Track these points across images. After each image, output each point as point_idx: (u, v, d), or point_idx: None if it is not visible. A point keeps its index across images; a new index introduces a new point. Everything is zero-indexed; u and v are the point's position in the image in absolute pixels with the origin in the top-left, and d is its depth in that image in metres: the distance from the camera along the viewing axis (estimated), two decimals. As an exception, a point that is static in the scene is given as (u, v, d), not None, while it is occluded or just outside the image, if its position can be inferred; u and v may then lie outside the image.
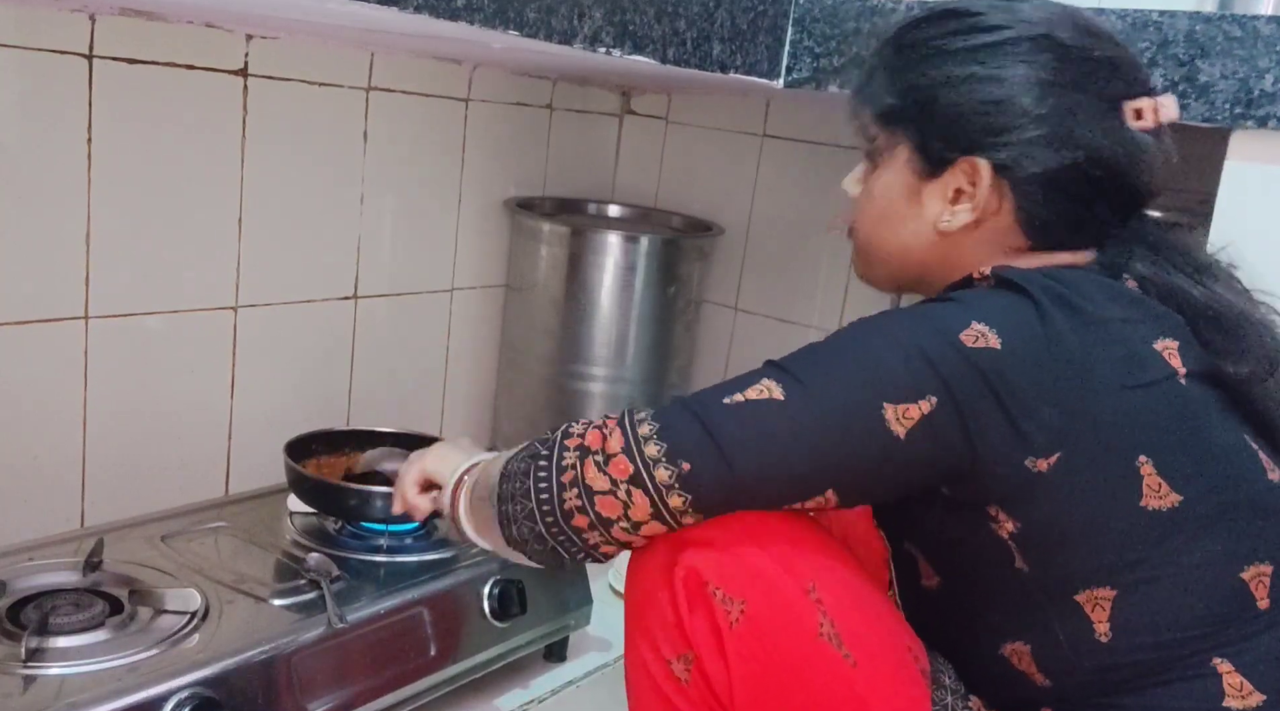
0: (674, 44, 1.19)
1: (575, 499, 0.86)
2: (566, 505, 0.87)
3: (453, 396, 1.91)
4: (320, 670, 1.04)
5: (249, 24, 1.38)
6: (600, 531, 0.87)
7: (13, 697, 0.88)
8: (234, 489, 1.55)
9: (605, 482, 0.85)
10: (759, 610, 0.84)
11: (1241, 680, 0.80)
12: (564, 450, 0.89)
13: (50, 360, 1.33)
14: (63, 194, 1.30)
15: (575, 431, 0.90)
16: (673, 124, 2.09)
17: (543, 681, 1.27)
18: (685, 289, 1.85)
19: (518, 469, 0.92)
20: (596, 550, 0.89)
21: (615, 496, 0.85)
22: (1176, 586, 0.80)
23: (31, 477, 1.34)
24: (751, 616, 0.84)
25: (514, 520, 0.90)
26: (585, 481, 0.86)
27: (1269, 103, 1.15)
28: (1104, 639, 0.81)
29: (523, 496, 0.90)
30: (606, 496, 0.85)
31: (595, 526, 0.86)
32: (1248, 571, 0.81)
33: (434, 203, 1.79)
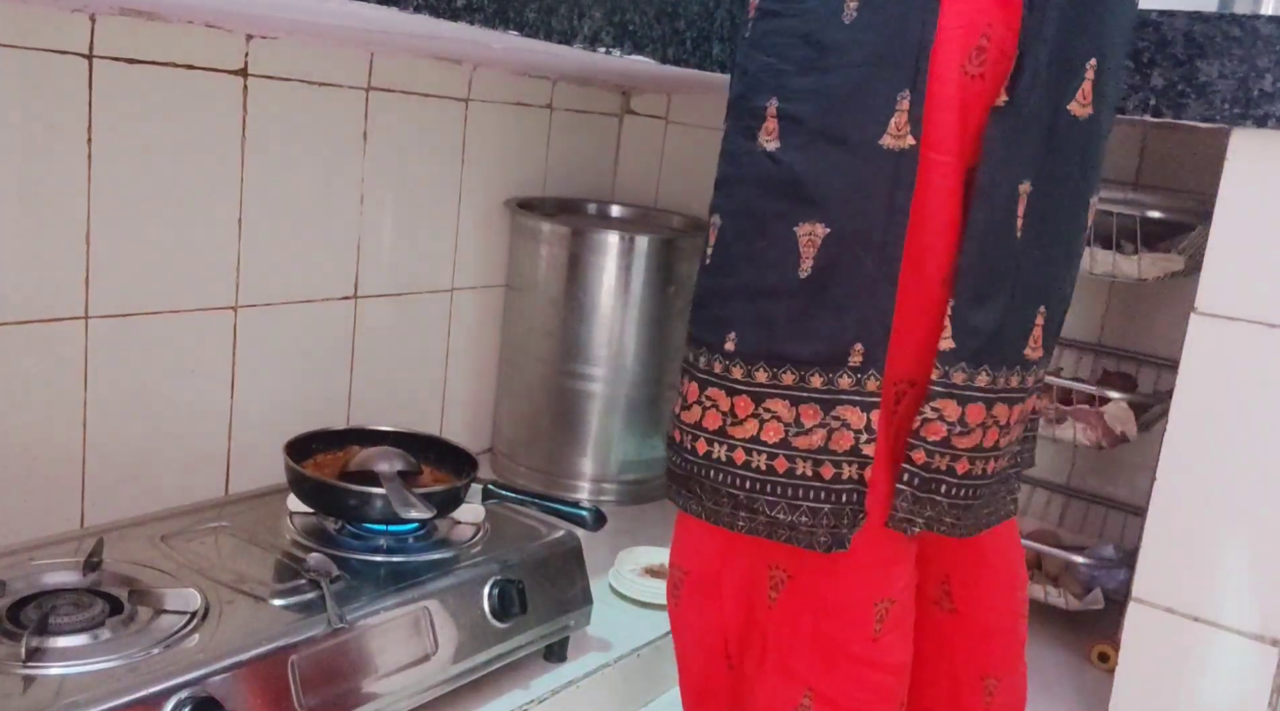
0: (674, 44, 1.19)
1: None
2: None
3: (453, 396, 1.91)
4: (320, 670, 1.04)
5: (249, 24, 1.38)
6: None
7: (13, 697, 0.88)
8: (234, 489, 1.55)
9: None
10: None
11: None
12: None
13: (50, 360, 1.33)
14: (63, 194, 1.30)
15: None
16: (673, 124, 2.09)
17: (543, 681, 1.27)
18: (685, 289, 1.85)
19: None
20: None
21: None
22: None
23: (31, 477, 1.34)
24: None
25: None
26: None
27: (1269, 103, 1.15)
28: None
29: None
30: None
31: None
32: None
33: (434, 203, 1.79)
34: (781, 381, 0.95)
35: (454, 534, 1.29)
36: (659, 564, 1.55)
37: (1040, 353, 0.99)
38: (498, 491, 1.36)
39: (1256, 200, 1.20)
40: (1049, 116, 0.93)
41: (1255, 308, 1.21)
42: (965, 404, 0.94)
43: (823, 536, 0.97)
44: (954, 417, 0.94)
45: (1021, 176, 0.93)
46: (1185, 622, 1.27)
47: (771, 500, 0.97)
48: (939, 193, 0.93)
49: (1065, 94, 0.93)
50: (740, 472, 0.98)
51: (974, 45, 0.91)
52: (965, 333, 0.94)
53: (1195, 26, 1.19)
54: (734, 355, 0.97)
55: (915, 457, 0.96)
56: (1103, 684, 1.42)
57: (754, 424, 0.97)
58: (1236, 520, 1.23)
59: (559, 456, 1.87)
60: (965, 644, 1.16)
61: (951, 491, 0.97)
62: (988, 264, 0.93)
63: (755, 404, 0.96)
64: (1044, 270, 0.97)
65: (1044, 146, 0.93)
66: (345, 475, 1.29)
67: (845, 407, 0.94)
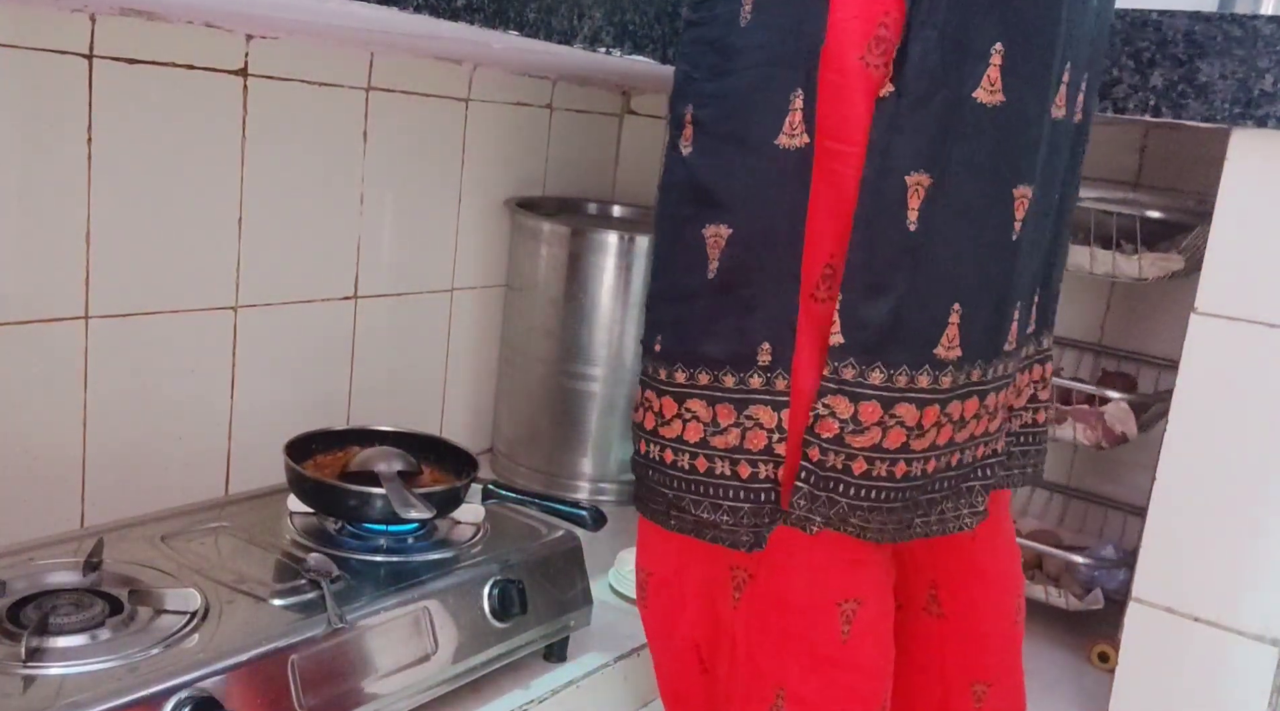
0: (674, 44, 1.19)
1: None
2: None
3: (453, 396, 1.91)
4: (320, 670, 1.04)
5: (249, 24, 1.38)
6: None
7: (13, 697, 0.88)
8: (234, 489, 1.55)
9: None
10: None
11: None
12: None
13: (50, 360, 1.33)
14: (63, 194, 1.30)
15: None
16: (673, 124, 2.09)
17: (543, 681, 1.27)
18: (685, 289, 1.85)
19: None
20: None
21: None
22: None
23: (31, 477, 1.34)
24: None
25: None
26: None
27: (1269, 103, 1.15)
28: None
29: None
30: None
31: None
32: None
33: (434, 203, 1.79)
34: (698, 381, 0.97)
35: (454, 534, 1.29)
36: (659, 564, 1.55)
37: (957, 352, 0.95)
38: (498, 491, 1.36)
39: (1256, 200, 1.20)
40: (947, 105, 0.90)
41: (1255, 308, 1.21)
42: (857, 401, 0.93)
43: (744, 535, 0.97)
44: (846, 415, 0.93)
45: (912, 167, 0.90)
46: (1185, 622, 1.27)
47: (696, 499, 0.98)
48: (847, 183, 0.91)
49: (965, 81, 0.90)
50: (670, 472, 0.99)
51: (871, 36, 0.89)
52: (854, 327, 0.92)
53: (1196, 26, 1.19)
54: (660, 356, 0.99)
55: (810, 454, 0.95)
56: (1103, 684, 1.42)
57: (678, 424, 0.98)
58: (1236, 520, 1.23)
59: (559, 456, 1.87)
60: (955, 650, 1.15)
61: (850, 491, 0.95)
62: (876, 257, 0.91)
63: (678, 404, 0.98)
64: (951, 265, 0.94)
65: (943, 137, 0.90)
66: (345, 475, 1.29)
67: (757, 407, 0.95)
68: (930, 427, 0.95)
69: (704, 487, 0.98)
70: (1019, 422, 1.12)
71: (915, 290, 0.93)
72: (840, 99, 0.91)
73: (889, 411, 0.93)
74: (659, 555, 1.09)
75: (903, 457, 0.95)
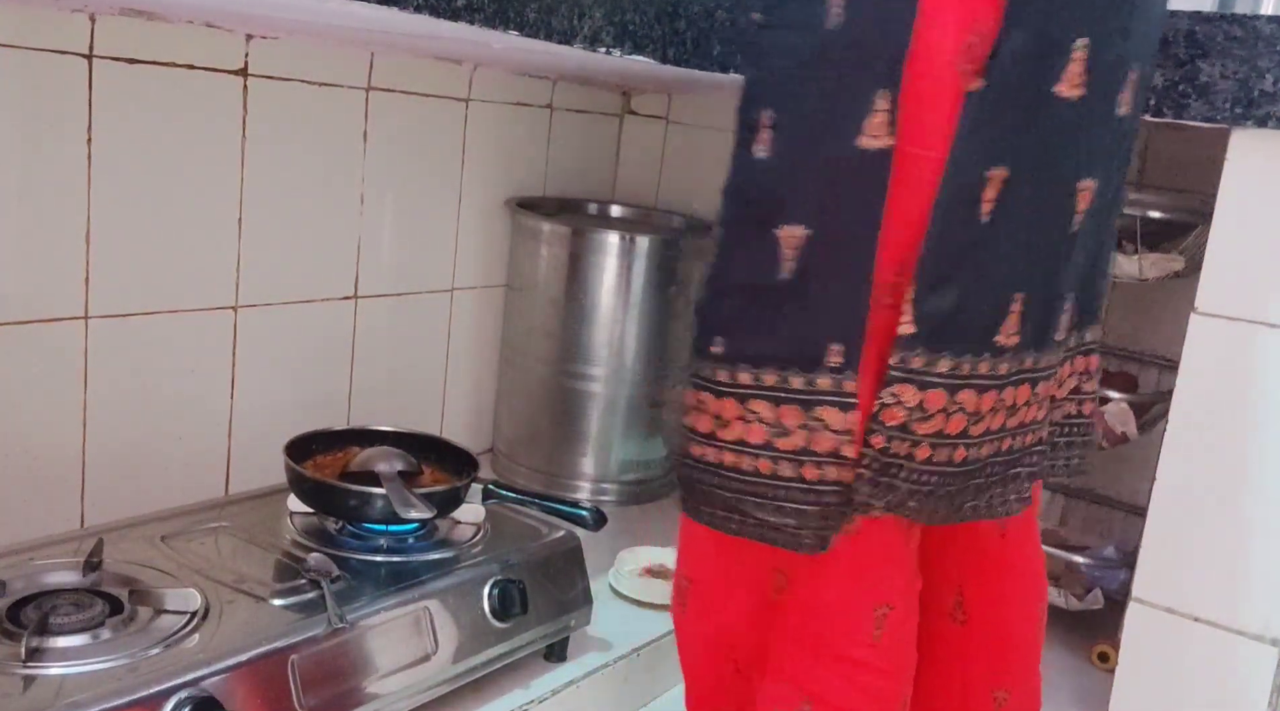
0: (674, 44, 1.19)
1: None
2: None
3: (453, 396, 1.91)
4: (320, 670, 1.04)
5: (249, 24, 1.38)
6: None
7: (13, 697, 0.88)
8: (234, 489, 1.55)
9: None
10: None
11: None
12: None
13: (50, 360, 1.33)
14: (63, 194, 1.30)
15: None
16: (673, 124, 2.09)
17: (543, 681, 1.27)
18: (685, 289, 1.85)
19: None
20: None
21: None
22: None
23: (31, 477, 1.34)
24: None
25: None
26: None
27: (1269, 103, 1.15)
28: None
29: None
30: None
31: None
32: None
33: (434, 203, 1.79)
34: (764, 382, 0.96)
35: (454, 534, 1.29)
36: (659, 564, 1.55)
37: (1015, 340, 0.96)
38: (498, 491, 1.36)
39: (1256, 200, 1.19)
40: (1029, 100, 0.91)
41: (1255, 308, 1.21)
42: (925, 389, 0.93)
43: (808, 538, 0.97)
44: (913, 403, 0.93)
45: (991, 161, 0.91)
46: (1185, 622, 1.27)
47: (758, 502, 0.97)
48: (923, 189, 0.92)
49: (1048, 76, 0.91)
50: (729, 475, 0.98)
51: (965, 42, 0.90)
52: (924, 316, 0.93)
53: (1196, 27, 1.19)
54: (720, 358, 0.98)
55: (874, 442, 0.95)
56: (1103, 684, 1.42)
57: (740, 426, 0.97)
58: (1236, 520, 1.23)
59: (559, 456, 1.87)
60: (976, 656, 1.15)
61: (912, 477, 0.96)
62: (946, 246, 0.92)
63: (740, 405, 0.97)
64: (1018, 255, 0.95)
65: (1023, 130, 0.92)
66: (345, 475, 1.29)
67: (825, 408, 0.94)
68: (988, 413, 0.96)
69: (768, 490, 0.96)
70: (1061, 413, 1.12)
71: (982, 279, 0.94)
72: (929, 105, 0.91)
73: (953, 398, 0.94)
74: (703, 561, 1.08)
75: (962, 443, 0.96)
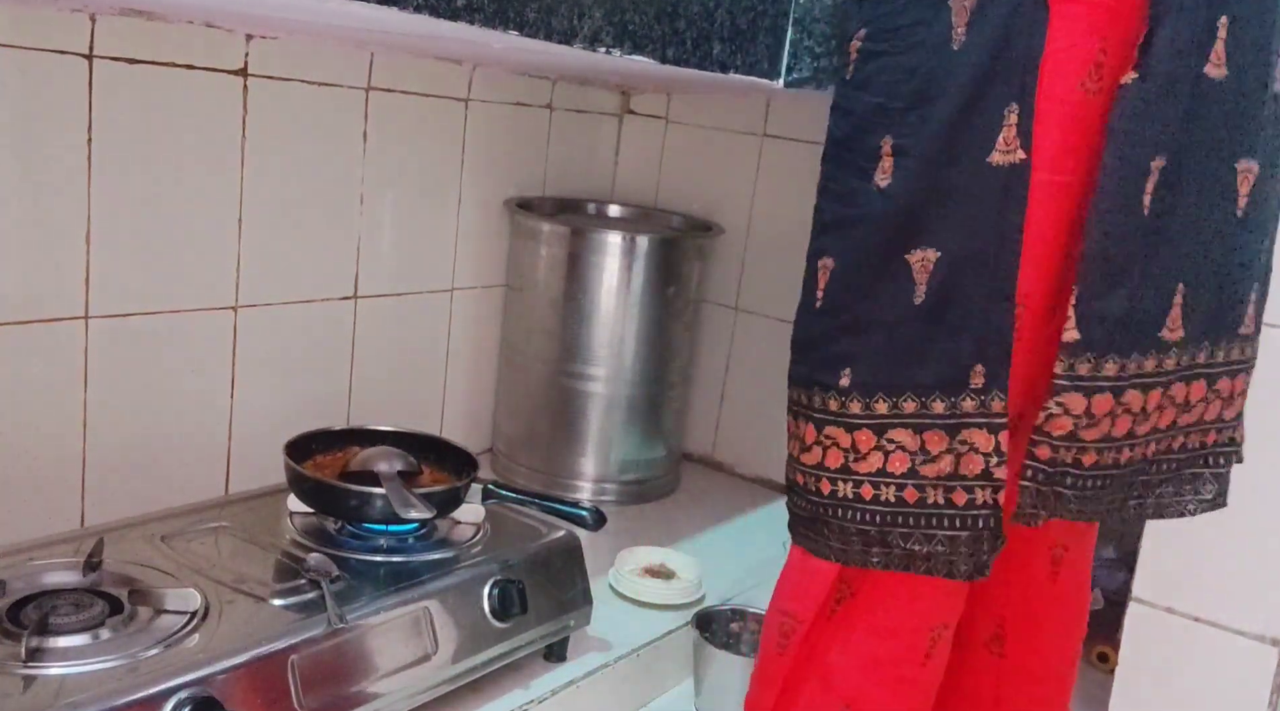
0: (674, 44, 1.19)
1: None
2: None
3: (453, 396, 1.91)
4: (320, 670, 1.03)
5: (249, 24, 1.38)
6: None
7: (13, 697, 0.88)
8: (234, 489, 1.55)
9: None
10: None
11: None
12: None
13: (50, 360, 1.33)
14: (63, 194, 1.30)
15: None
16: (673, 124, 2.09)
17: (543, 681, 1.27)
18: (685, 289, 1.85)
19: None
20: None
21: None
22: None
23: (31, 477, 1.34)
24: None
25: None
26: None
27: (1269, 103, 1.15)
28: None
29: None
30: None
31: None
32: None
33: (434, 203, 1.79)
34: (903, 410, 0.93)
35: (454, 534, 1.29)
36: (659, 564, 1.55)
37: (1180, 333, 0.93)
38: (498, 491, 1.36)
39: (1257, 200, 1.19)
40: (1185, 85, 0.89)
41: (1255, 308, 1.20)
42: (1091, 395, 0.91)
43: (963, 564, 0.94)
44: (1079, 410, 0.91)
45: (1155, 152, 0.89)
46: (1185, 622, 1.27)
47: (905, 532, 0.94)
48: (1052, 214, 0.90)
49: (1200, 59, 0.89)
50: (869, 507, 0.95)
51: (1092, 62, 0.88)
52: (1092, 321, 0.90)
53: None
54: (850, 390, 0.95)
55: (1039, 453, 0.93)
56: (1103, 684, 1.42)
57: (878, 457, 0.94)
58: (1236, 520, 1.23)
59: (559, 456, 1.87)
60: (1009, 687, 1.14)
61: (1077, 483, 0.94)
62: (1114, 248, 0.89)
63: (877, 436, 0.94)
64: (1180, 245, 0.92)
65: (1181, 117, 0.89)
66: (345, 475, 1.29)
67: (971, 430, 0.92)
68: (1154, 410, 0.94)
69: (914, 519, 0.94)
70: (1213, 438, 1.07)
71: (1149, 276, 0.91)
72: (1054, 124, 0.89)
73: (1119, 400, 0.92)
74: (809, 597, 1.04)
75: (1127, 444, 0.94)
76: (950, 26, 0.89)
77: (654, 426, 1.87)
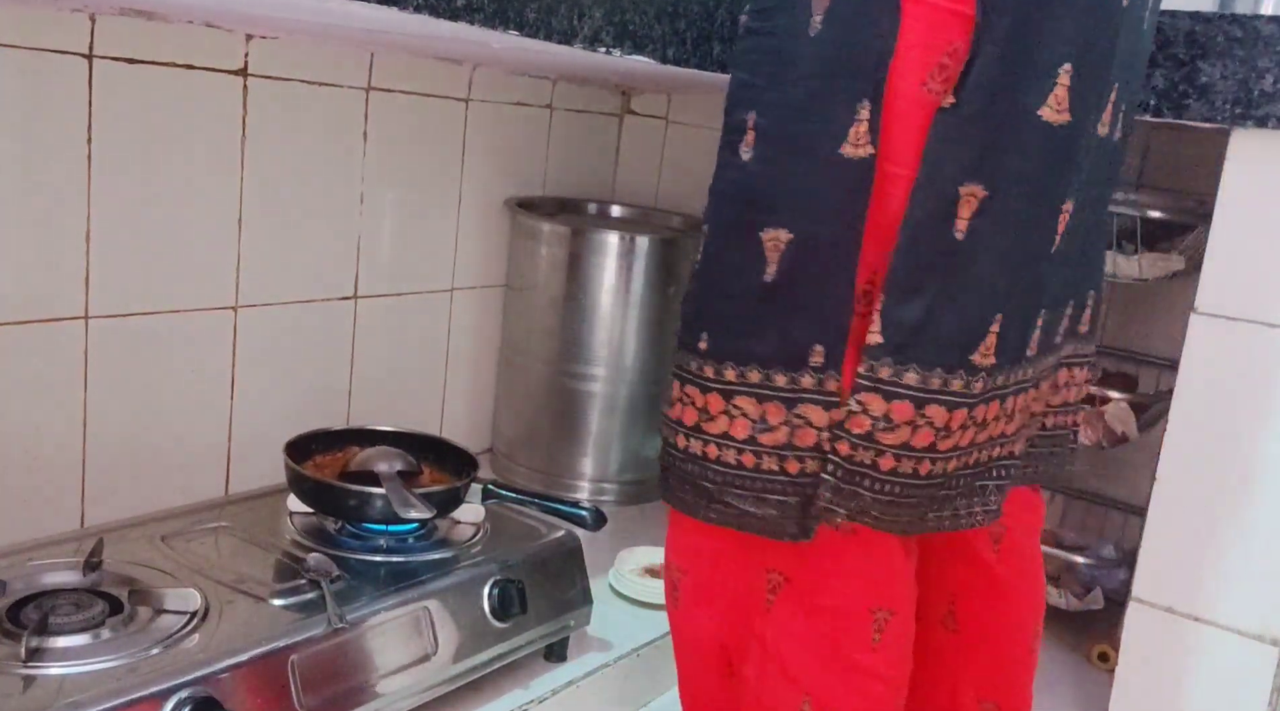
0: (674, 44, 1.19)
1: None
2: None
3: (453, 396, 1.91)
4: (320, 670, 1.04)
5: (249, 24, 1.38)
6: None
7: (13, 697, 0.89)
8: (234, 489, 1.55)
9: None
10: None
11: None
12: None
13: (50, 360, 1.33)
14: (63, 194, 1.30)
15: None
16: (673, 124, 2.09)
17: (543, 681, 1.27)
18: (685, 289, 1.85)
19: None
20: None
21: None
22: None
23: (31, 477, 1.34)
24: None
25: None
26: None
27: (1269, 103, 1.15)
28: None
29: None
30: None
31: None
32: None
33: (434, 203, 1.79)
34: (748, 380, 0.98)
35: (454, 534, 1.29)
36: (659, 564, 1.55)
37: (992, 360, 0.96)
38: (498, 491, 1.36)
39: (1256, 200, 1.19)
40: (1005, 119, 0.92)
41: (1255, 308, 1.21)
42: (891, 399, 0.94)
43: (791, 527, 0.99)
44: (879, 412, 0.94)
45: (965, 178, 0.92)
46: (1185, 622, 1.27)
47: (740, 493, 0.99)
48: (896, 203, 0.93)
49: (1030, 97, 0.92)
50: (713, 467, 1.00)
51: (936, 63, 0.91)
52: (891, 327, 0.94)
53: (1196, 27, 1.19)
54: (706, 354, 1.00)
55: (839, 449, 0.96)
56: (1103, 684, 1.42)
57: (724, 420, 0.99)
58: (1236, 520, 1.23)
59: (559, 456, 1.87)
60: (966, 665, 1.16)
61: (875, 486, 0.97)
62: (916, 259, 0.93)
63: (725, 401, 0.99)
64: (999, 276, 0.96)
65: (999, 150, 0.92)
66: (345, 475, 1.29)
67: (807, 406, 0.96)
68: (957, 429, 0.97)
69: (750, 482, 0.98)
70: (1052, 422, 1.13)
71: (951, 295, 0.94)
72: (902, 122, 0.92)
73: (920, 411, 0.95)
74: (693, 555, 1.09)
75: (928, 457, 0.97)
76: (809, 14, 0.92)
77: (654, 426, 1.87)
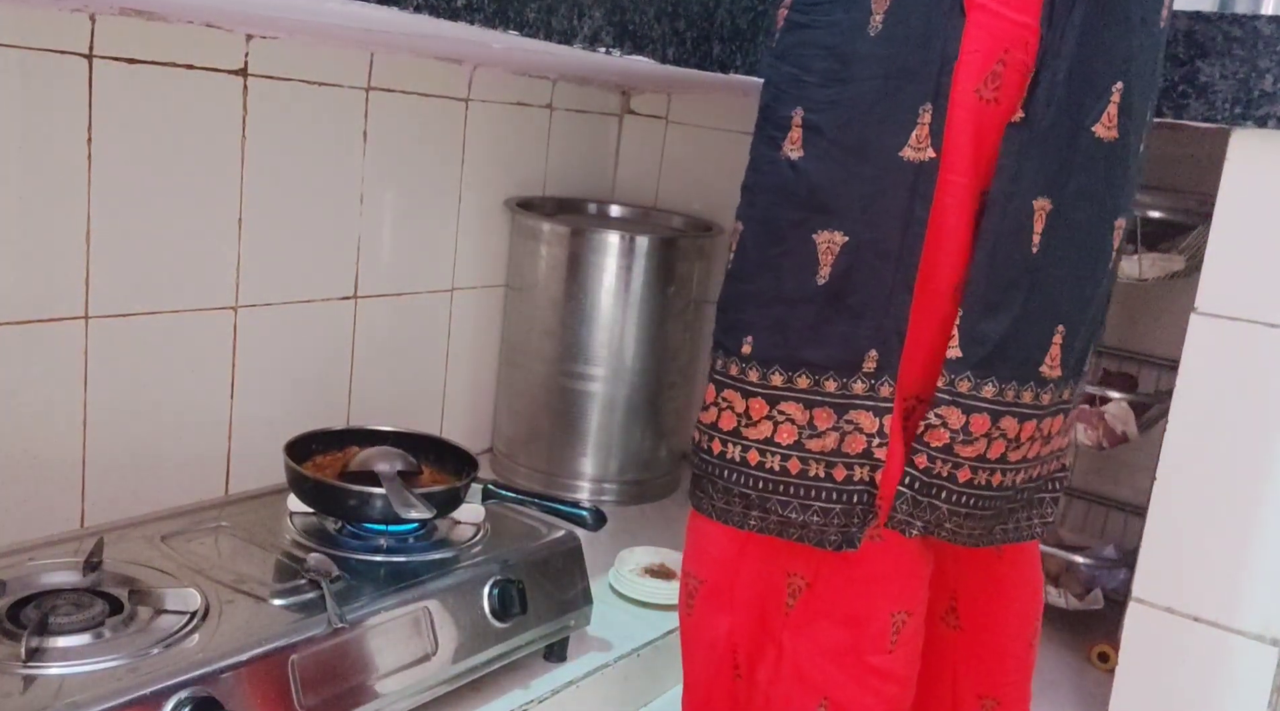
0: (674, 44, 1.19)
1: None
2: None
3: (453, 396, 1.91)
4: (320, 670, 1.04)
5: (249, 24, 1.38)
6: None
7: (13, 697, 0.88)
8: (234, 489, 1.55)
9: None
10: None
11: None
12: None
13: (50, 360, 1.33)
14: (63, 194, 1.30)
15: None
16: (673, 124, 2.09)
17: (543, 681, 1.27)
18: (685, 289, 1.85)
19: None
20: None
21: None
22: None
23: (31, 477, 1.34)
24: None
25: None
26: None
27: (1269, 103, 1.15)
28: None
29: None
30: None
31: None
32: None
33: (434, 203, 1.79)
34: (796, 385, 0.97)
35: (454, 534, 1.29)
36: (659, 564, 1.55)
37: (1058, 372, 0.98)
38: (498, 491, 1.36)
39: (1256, 200, 1.19)
40: (1068, 135, 0.93)
41: (1255, 308, 1.21)
42: (970, 413, 0.95)
43: (833, 535, 0.98)
44: (957, 425, 0.95)
45: (1037, 192, 0.93)
46: (1185, 622, 1.27)
47: (783, 500, 0.98)
48: (952, 210, 0.93)
49: (1087, 114, 0.93)
50: (754, 473, 0.99)
51: (989, 70, 0.91)
52: (972, 341, 0.94)
53: (1196, 26, 1.18)
54: (750, 358, 0.98)
55: (917, 461, 0.97)
56: (1103, 684, 1.42)
57: (768, 425, 0.98)
58: (1236, 520, 1.23)
59: (559, 456, 1.87)
60: (967, 662, 1.16)
61: (952, 498, 0.97)
62: (997, 274, 0.94)
63: (770, 406, 0.97)
64: (1064, 288, 0.97)
65: (1064, 165, 0.93)
66: (345, 475, 1.29)
67: (858, 412, 0.96)
68: (1026, 440, 0.98)
69: (794, 488, 0.98)
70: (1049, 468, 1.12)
71: (1029, 310, 0.95)
72: (953, 128, 0.92)
73: (996, 424, 0.96)
74: (715, 561, 1.08)
75: (999, 468, 0.98)
76: (869, 12, 0.91)
77: (654, 426, 1.88)
